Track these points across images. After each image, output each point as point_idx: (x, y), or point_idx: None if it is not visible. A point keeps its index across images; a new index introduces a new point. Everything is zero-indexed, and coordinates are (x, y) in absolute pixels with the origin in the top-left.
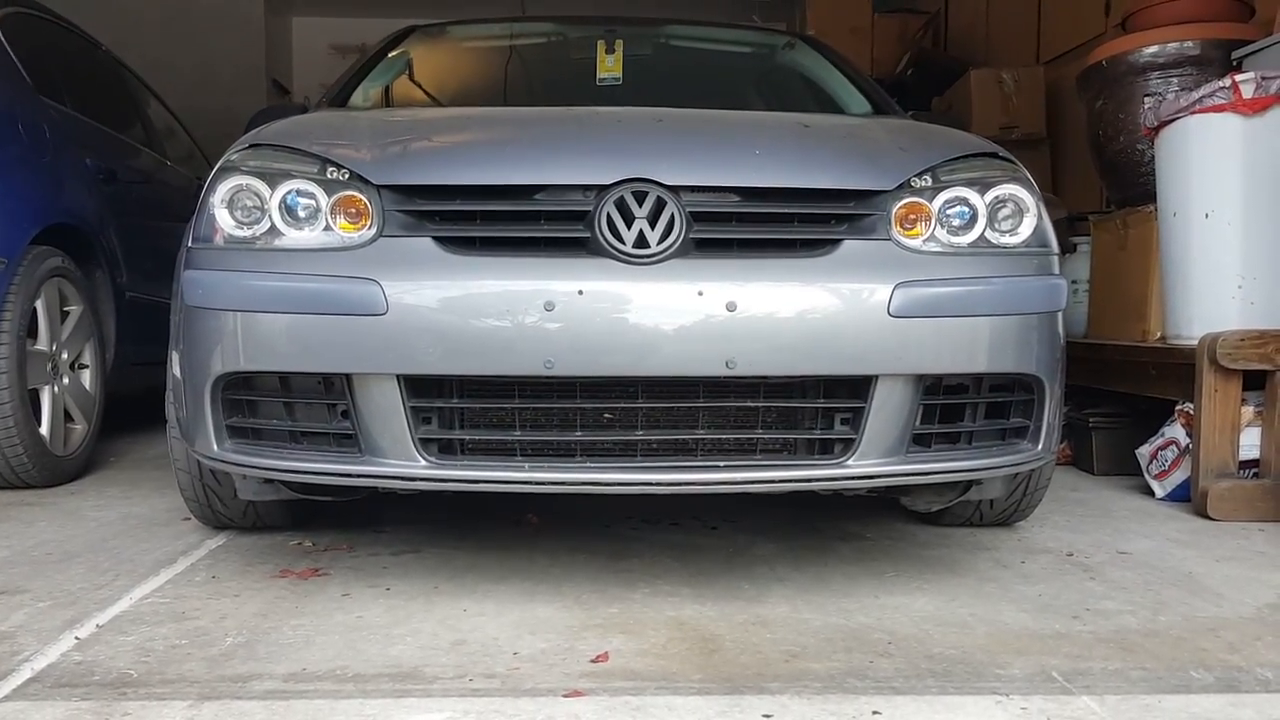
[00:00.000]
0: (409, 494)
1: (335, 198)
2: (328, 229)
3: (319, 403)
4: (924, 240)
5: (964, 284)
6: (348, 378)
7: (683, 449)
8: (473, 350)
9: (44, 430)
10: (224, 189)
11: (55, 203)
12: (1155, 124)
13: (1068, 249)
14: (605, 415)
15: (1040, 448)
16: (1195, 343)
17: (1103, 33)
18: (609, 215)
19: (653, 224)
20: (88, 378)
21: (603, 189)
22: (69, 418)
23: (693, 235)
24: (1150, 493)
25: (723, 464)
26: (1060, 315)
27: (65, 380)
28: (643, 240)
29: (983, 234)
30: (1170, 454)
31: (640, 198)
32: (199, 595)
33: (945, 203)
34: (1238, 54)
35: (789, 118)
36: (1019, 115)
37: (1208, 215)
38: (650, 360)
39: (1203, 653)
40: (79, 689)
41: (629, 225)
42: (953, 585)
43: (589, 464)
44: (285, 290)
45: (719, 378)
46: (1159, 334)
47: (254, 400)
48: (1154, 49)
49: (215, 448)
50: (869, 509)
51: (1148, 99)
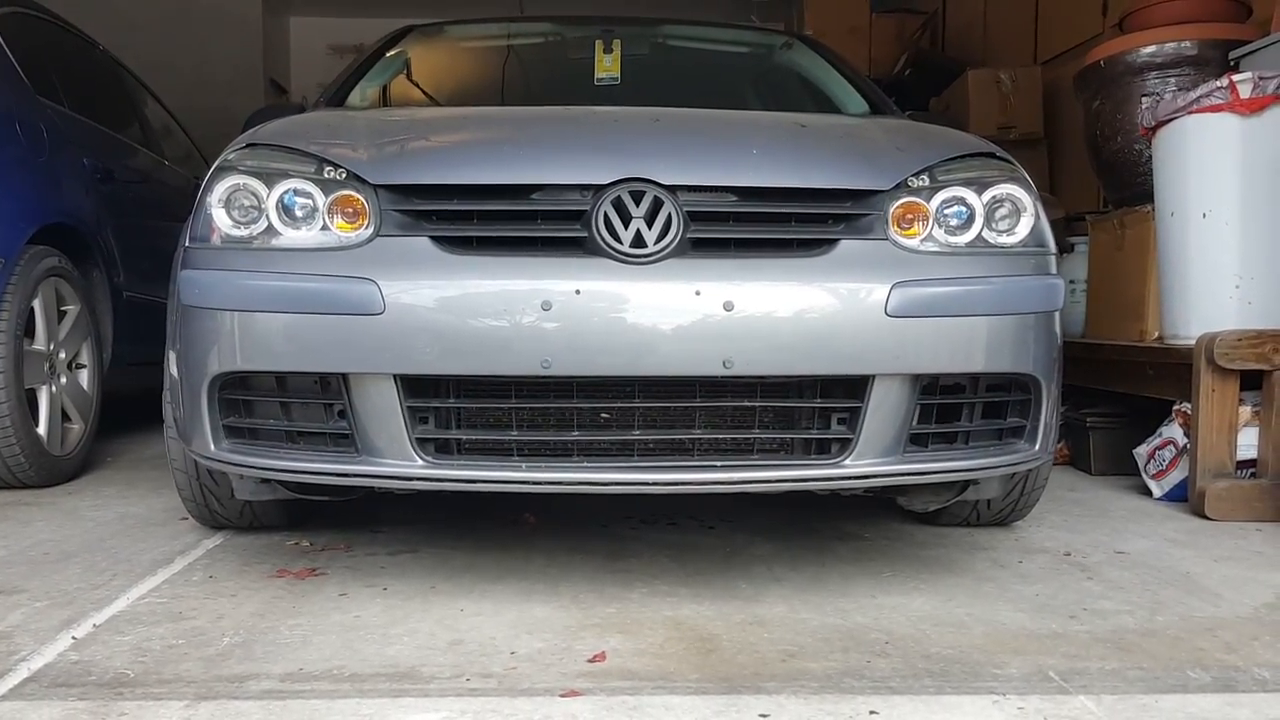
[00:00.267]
0: (406, 494)
1: (332, 197)
2: (325, 228)
3: (316, 402)
4: (921, 240)
5: (961, 284)
6: (344, 377)
7: (680, 449)
8: (470, 350)
9: (41, 430)
10: (221, 188)
11: (52, 202)
12: (1153, 124)
13: (1065, 249)
14: (602, 415)
15: (1037, 447)
16: (1193, 343)
17: (1100, 33)
18: (606, 215)
19: (650, 224)
20: (85, 377)
21: (600, 189)
22: (66, 417)
23: (690, 235)
24: (1148, 493)
25: (719, 464)
26: (1057, 315)
27: (62, 380)
28: (640, 240)
29: (980, 234)
30: (1168, 454)
31: (637, 197)
32: (196, 595)
33: (943, 202)
34: (1235, 54)
35: (786, 117)
36: (1016, 115)
37: (1205, 215)
38: (647, 360)
39: (1200, 652)
40: (76, 689)
41: (626, 225)
42: (950, 585)
43: (586, 464)
44: (282, 290)
45: (716, 377)
46: (1156, 334)
47: (251, 400)
48: (1151, 49)
49: (212, 447)
50: (866, 509)
51: (1145, 99)
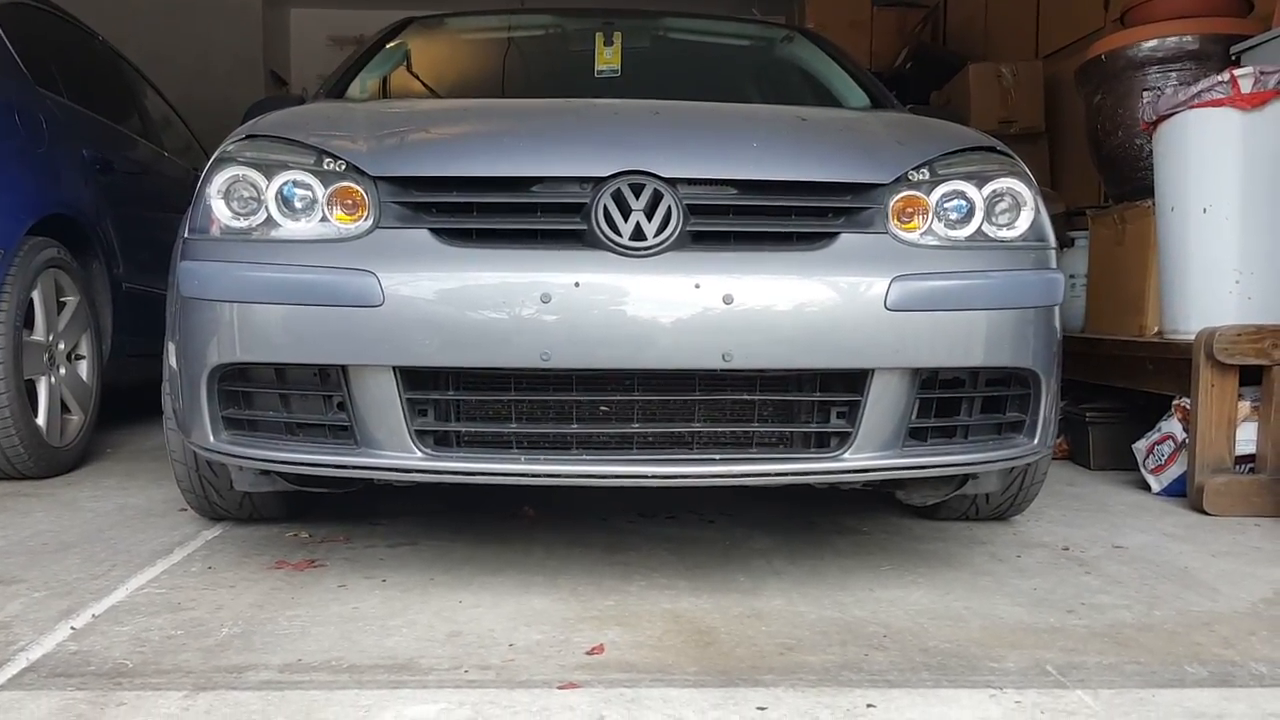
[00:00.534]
0: (405, 486)
1: (332, 189)
2: (324, 220)
3: (315, 394)
4: (921, 234)
5: (961, 278)
6: (344, 369)
7: (679, 442)
8: (469, 342)
9: (40, 421)
10: (220, 180)
11: (52, 194)
12: (1154, 118)
13: (1065, 243)
14: (601, 408)
15: (1036, 442)
16: (1192, 338)
17: (1101, 27)
18: (606, 208)
19: (650, 216)
20: (84, 368)
21: (600, 181)
22: (65, 409)
23: (690, 228)
24: (1146, 487)
25: (719, 457)
26: (1057, 309)
27: (62, 371)
28: (639, 233)
29: (980, 228)
30: (1167, 449)
31: (637, 190)
32: (195, 586)
33: (943, 196)
34: (1236, 49)
35: (787, 111)
36: (1017, 109)
37: (1206, 210)
38: (647, 353)
39: (1197, 647)
40: (74, 679)
41: (626, 218)
42: (948, 579)
43: (585, 456)
44: (281, 281)
45: (715, 371)
46: (1156, 329)
47: (250, 391)
48: (1153, 43)
49: (211, 439)
50: (865, 503)
51: (1146, 93)
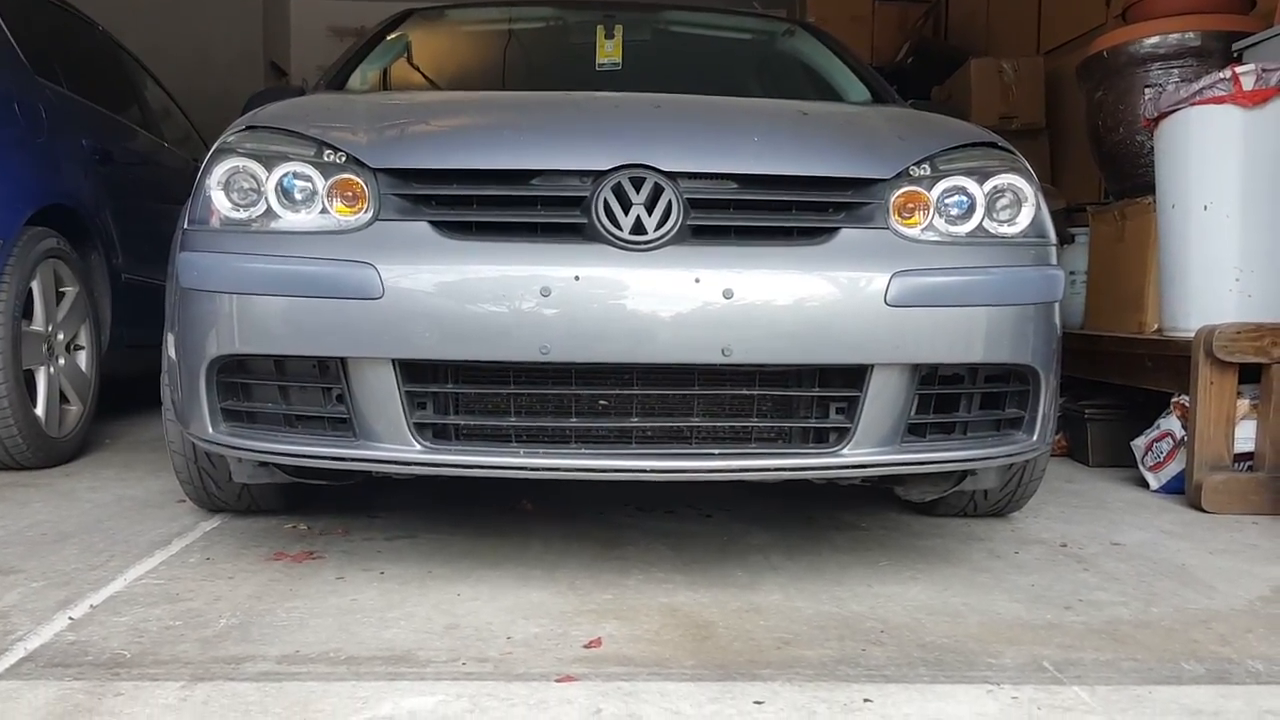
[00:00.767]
0: (404, 479)
1: (332, 180)
2: (324, 212)
3: (314, 386)
4: (922, 229)
5: (961, 274)
6: (343, 361)
7: (678, 436)
8: (468, 335)
9: (39, 411)
10: (220, 171)
11: (51, 184)
12: (1155, 115)
13: (1066, 240)
14: (600, 402)
15: (1035, 438)
16: (1192, 335)
17: (1103, 23)
18: (606, 201)
19: (650, 210)
20: (83, 359)
21: (600, 174)
22: (64, 399)
23: (690, 222)
24: (1145, 485)
25: (717, 452)
26: (1057, 306)
27: (61, 361)
28: (640, 226)
29: (981, 224)
30: (1165, 446)
31: (638, 184)
32: (193, 577)
33: (944, 192)
34: (1238, 46)
35: (788, 105)
36: (1018, 105)
37: (1206, 207)
38: (646, 347)
39: (1194, 644)
40: (72, 669)
41: (626, 211)
42: (946, 575)
43: (584, 450)
44: (281, 273)
45: (715, 365)
46: (1156, 326)
47: (249, 383)
48: (1154, 40)
49: (210, 430)
50: (864, 499)
51: (1148, 90)
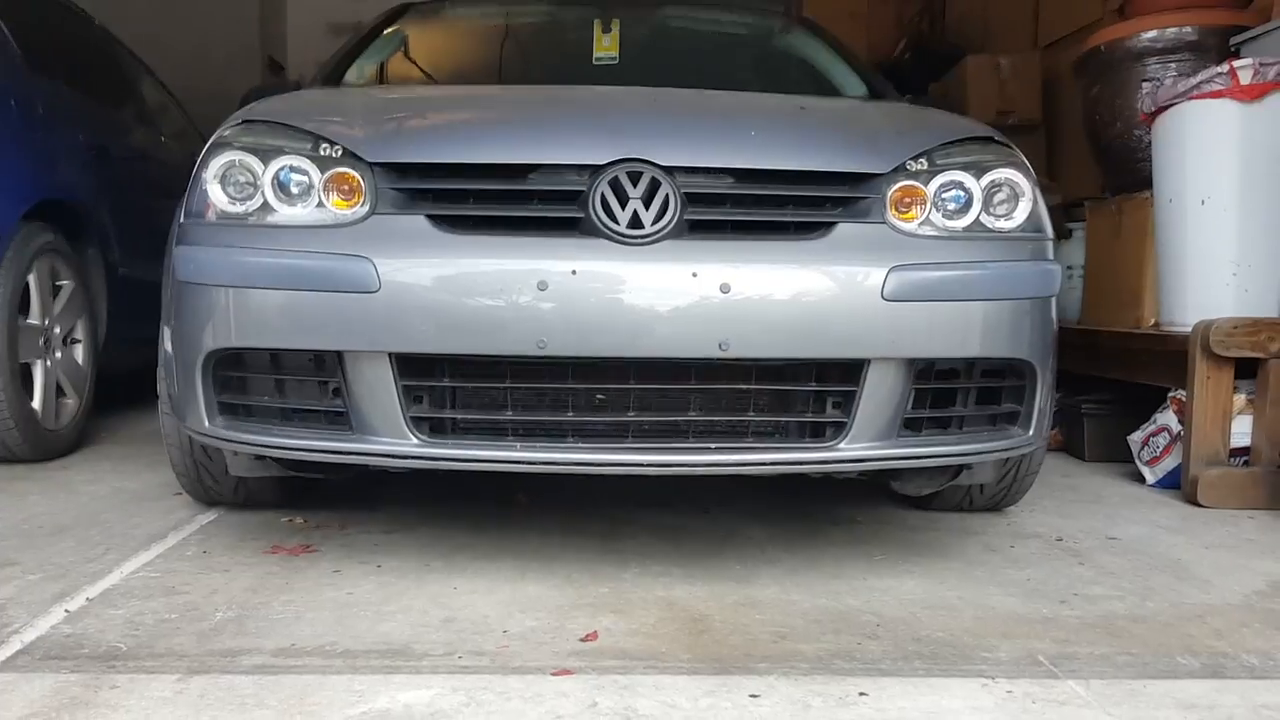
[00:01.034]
0: (401, 473)
1: (328, 174)
2: (321, 206)
3: (311, 380)
4: (919, 224)
5: (958, 268)
6: (339, 355)
7: (675, 431)
8: (465, 329)
9: (36, 404)
10: (217, 165)
11: (48, 179)
12: (1152, 110)
13: (1063, 235)
14: (597, 396)
15: (1031, 433)
16: (1189, 330)
17: (1100, 18)
18: (603, 195)
19: (647, 205)
20: (80, 353)
21: (597, 169)
22: (61, 392)
23: (687, 216)
24: (1141, 479)
25: (714, 446)
26: (1054, 301)
27: (57, 355)
28: (637, 221)
29: (978, 218)
30: (1162, 441)
31: (635, 178)
32: (189, 570)
33: (940, 186)
34: (1235, 40)
35: (785, 100)
36: (1015, 101)
37: (1204, 202)
38: (643, 341)
39: (1189, 639)
40: (68, 661)
41: (623, 206)
42: (941, 569)
43: (581, 444)
44: (277, 266)
45: (712, 360)
46: (1153, 321)
47: (246, 377)
48: (1152, 34)
49: (206, 424)
50: (860, 493)
51: (1145, 85)
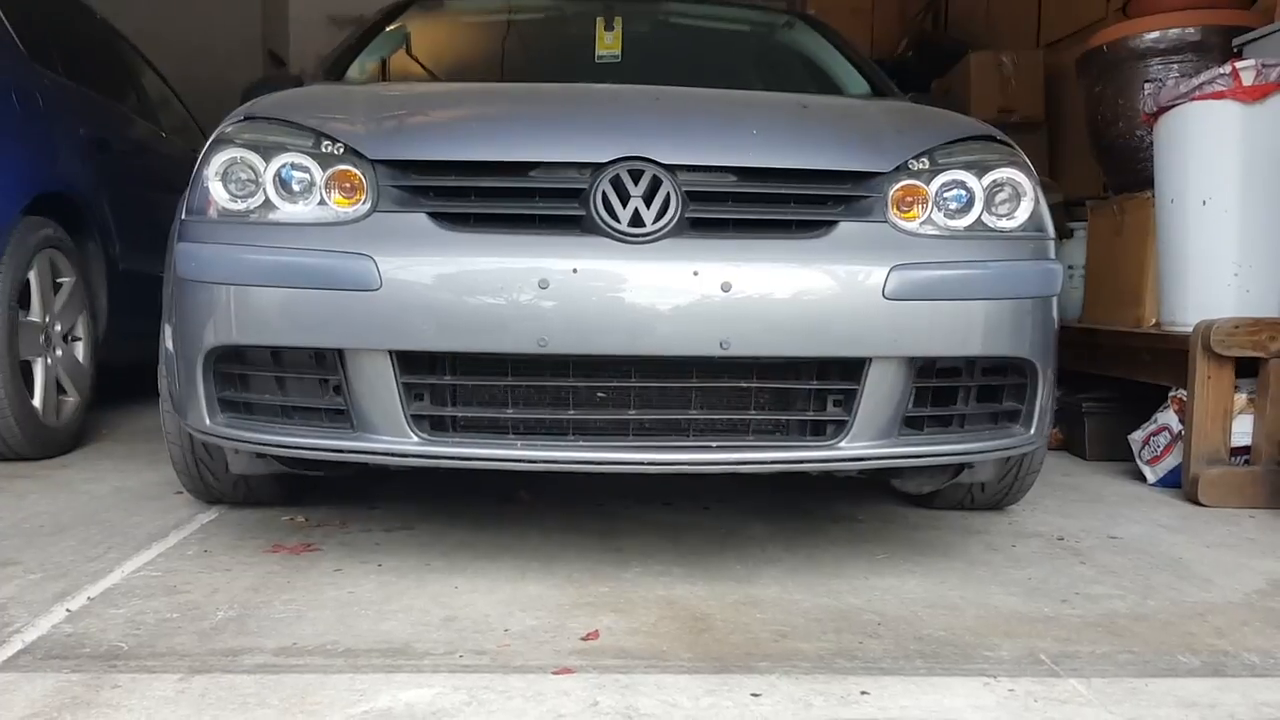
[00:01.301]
0: (401, 471)
1: (330, 172)
2: (322, 203)
3: (311, 377)
4: (920, 223)
5: (959, 267)
6: (340, 353)
7: (675, 429)
8: (466, 327)
9: (36, 402)
10: (218, 161)
11: (48, 172)
12: (1154, 110)
13: (1064, 234)
14: (598, 394)
15: (1032, 432)
16: (1190, 329)
17: (1103, 17)
18: (604, 193)
19: (648, 203)
20: (80, 350)
21: (598, 167)
22: (61, 390)
23: (689, 215)
24: (1142, 478)
25: (715, 444)
26: (1055, 300)
27: (58, 352)
28: (638, 219)
29: (979, 217)
30: (1162, 440)
31: (636, 176)
32: (190, 569)
33: (942, 185)
34: (1238, 41)
35: (787, 98)
36: (1018, 99)
37: (1205, 202)
38: (644, 340)
39: (1190, 637)
40: (69, 661)
41: (624, 204)
42: (943, 568)
43: (582, 443)
44: (279, 264)
45: (713, 358)
46: (1154, 320)
47: (247, 374)
48: (1155, 34)
49: (207, 421)
50: (861, 492)
51: (1147, 85)
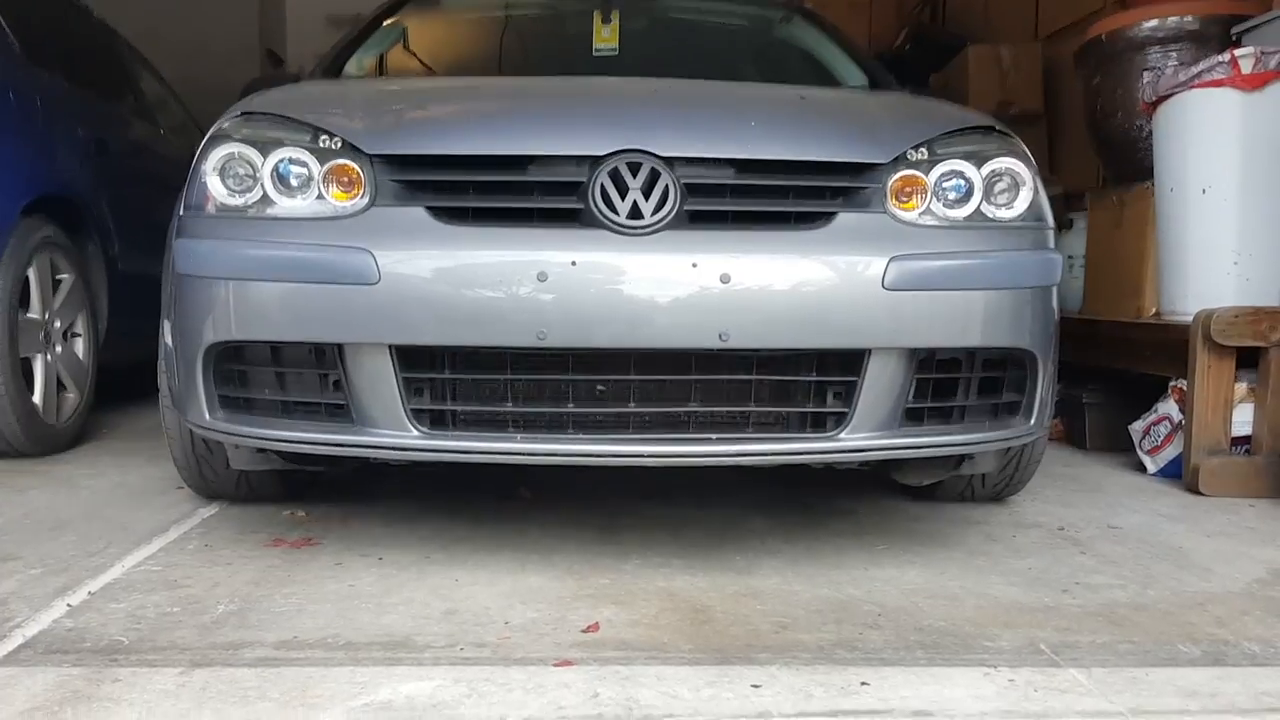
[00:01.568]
0: (402, 466)
1: (328, 166)
2: (320, 198)
3: (311, 372)
4: (919, 213)
5: (959, 258)
6: (340, 348)
7: (675, 422)
8: (465, 321)
9: (37, 399)
10: (216, 157)
11: (47, 173)
12: (1153, 99)
13: (1064, 225)
14: (598, 387)
15: (1033, 423)
16: (1190, 319)
17: (1101, 8)
18: (603, 186)
19: (647, 195)
20: (80, 347)
21: (597, 160)
22: (62, 387)
23: (687, 207)
24: (1142, 469)
25: (715, 437)
26: (1055, 290)
27: (58, 349)
28: (637, 211)
29: (978, 208)
30: (1163, 430)
31: (634, 169)
32: (191, 563)
33: (941, 176)
34: (1237, 29)
35: (785, 90)
36: (1016, 91)
37: (1205, 191)
38: (643, 332)
39: (1191, 627)
40: (70, 655)
41: (623, 196)
42: (943, 559)
43: (581, 436)
44: (277, 259)
45: (712, 350)
46: (1154, 310)
47: (246, 370)
48: (1153, 24)
49: (207, 417)
50: (861, 484)
51: (1146, 74)
